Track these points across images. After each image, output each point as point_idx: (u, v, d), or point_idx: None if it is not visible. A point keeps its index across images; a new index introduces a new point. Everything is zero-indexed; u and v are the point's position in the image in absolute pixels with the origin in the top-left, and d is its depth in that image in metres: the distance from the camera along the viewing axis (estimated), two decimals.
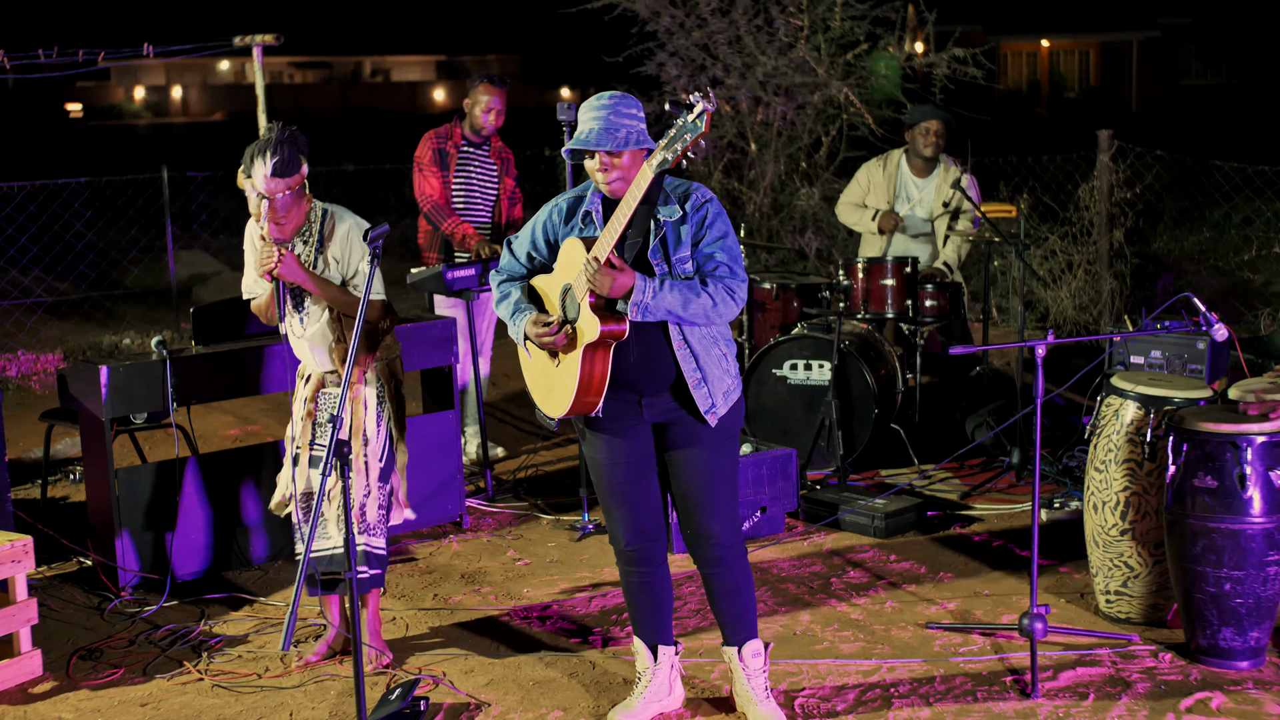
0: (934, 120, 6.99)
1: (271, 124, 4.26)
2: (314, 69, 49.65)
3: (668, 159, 3.54)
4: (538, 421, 7.48)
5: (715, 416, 3.82)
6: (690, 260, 3.75)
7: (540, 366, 3.89)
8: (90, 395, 5.03)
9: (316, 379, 4.43)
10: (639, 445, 3.87)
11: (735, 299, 3.72)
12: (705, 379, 3.79)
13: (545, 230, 3.91)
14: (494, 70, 7.29)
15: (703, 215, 3.76)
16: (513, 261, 3.99)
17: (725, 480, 3.89)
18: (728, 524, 3.89)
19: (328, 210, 4.37)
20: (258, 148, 4.16)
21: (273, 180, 4.15)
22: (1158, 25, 34.85)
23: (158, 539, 5.15)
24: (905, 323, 6.75)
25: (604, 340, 3.68)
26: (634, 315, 3.65)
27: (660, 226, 3.75)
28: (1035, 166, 10.05)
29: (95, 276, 11.42)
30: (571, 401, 3.74)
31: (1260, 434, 4.17)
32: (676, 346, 3.76)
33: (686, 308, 3.68)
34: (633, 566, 3.95)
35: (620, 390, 3.80)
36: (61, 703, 4.24)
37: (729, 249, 3.76)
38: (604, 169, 3.71)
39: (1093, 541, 4.70)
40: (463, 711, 4.10)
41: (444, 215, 6.39)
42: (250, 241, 4.39)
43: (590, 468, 3.97)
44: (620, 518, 3.91)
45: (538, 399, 3.93)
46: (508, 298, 3.92)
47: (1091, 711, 3.98)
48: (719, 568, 3.91)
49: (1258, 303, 8.99)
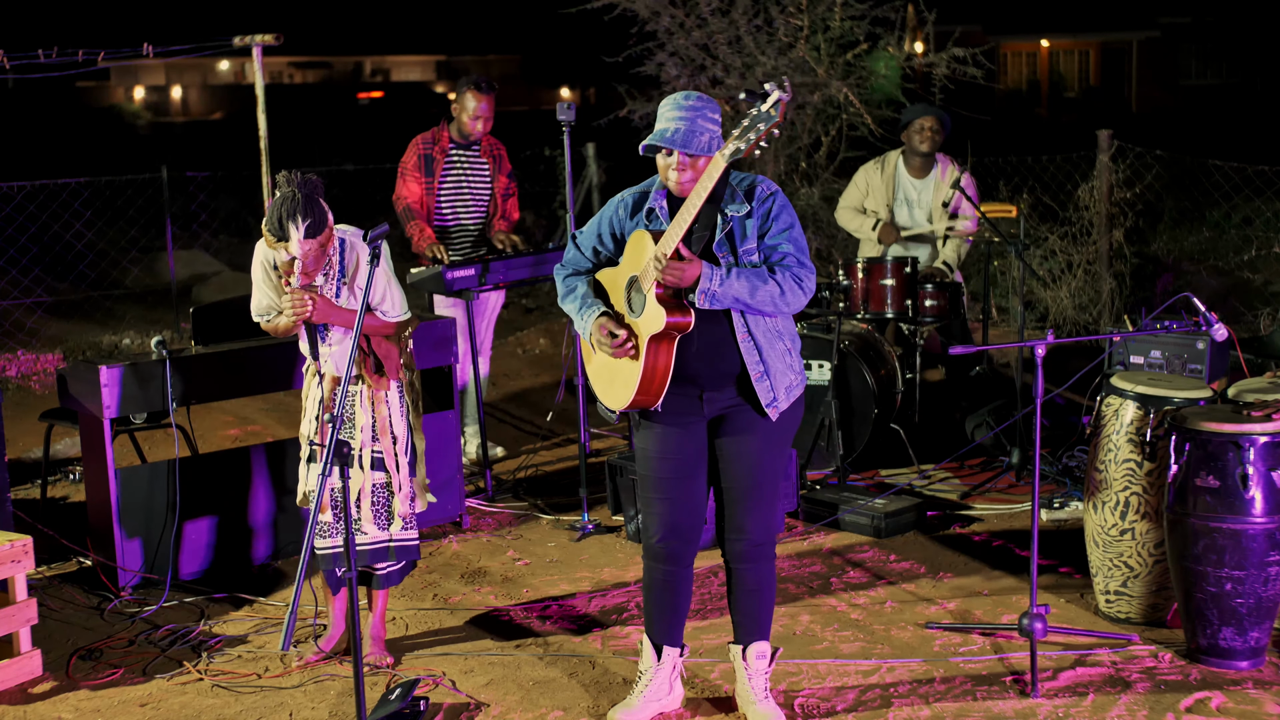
0: (928, 116, 6.99)
1: (283, 176, 4.19)
2: (314, 69, 49.68)
3: (741, 148, 3.55)
4: (539, 422, 7.49)
5: (776, 410, 3.81)
6: (757, 253, 3.76)
7: (603, 359, 3.88)
8: (90, 395, 5.03)
9: (331, 377, 4.42)
10: (692, 443, 3.86)
11: (803, 288, 3.73)
12: (768, 372, 3.79)
13: (612, 224, 3.92)
14: (494, 71, 7.29)
15: (768, 208, 3.77)
16: (578, 255, 3.99)
17: (770, 479, 3.89)
18: (762, 523, 3.89)
19: (344, 240, 4.36)
20: (285, 211, 4.10)
21: (307, 243, 4.15)
22: (1158, 25, 34.84)
23: (157, 539, 5.15)
24: (905, 323, 6.75)
25: (669, 332, 3.67)
26: (701, 303, 3.65)
27: (727, 221, 3.76)
28: (1035, 166, 10.05)
29: (95, 276, 11.43)
30: (634, 394, 3.74)
31: (1263, 434, 4.18)
32: (741, 339, 3.76)
33: (754, 295, 3.67)
34: (659, 563, 3.94)
35: (682, 384, 3.79)
36: (61, 703, 4.25)
37: (795, 240, 3.77)
38: (680, 169, 3.73)
39: (1092, 541, 4.70)
40: (462, 711, 4.10)
41: (410, 216, 6.38)
42: (261, 267, 4.38)
43: (638, 458, 3.96)
44: (659, 512, 3.89)
45: (599, 391, 3.93)
46: (574, 291, 3.92)
47: (1091, 711, 3.98)
48: (745, 563, 3.91)
49: (1257, 303, 9.00)
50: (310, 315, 4.24)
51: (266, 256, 4.34)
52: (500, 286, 6.39)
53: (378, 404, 4.40)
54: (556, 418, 7.48)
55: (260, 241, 4.36)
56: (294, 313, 4.23)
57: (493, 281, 6.20)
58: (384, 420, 4.40)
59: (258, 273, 4.39)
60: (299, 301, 4.21)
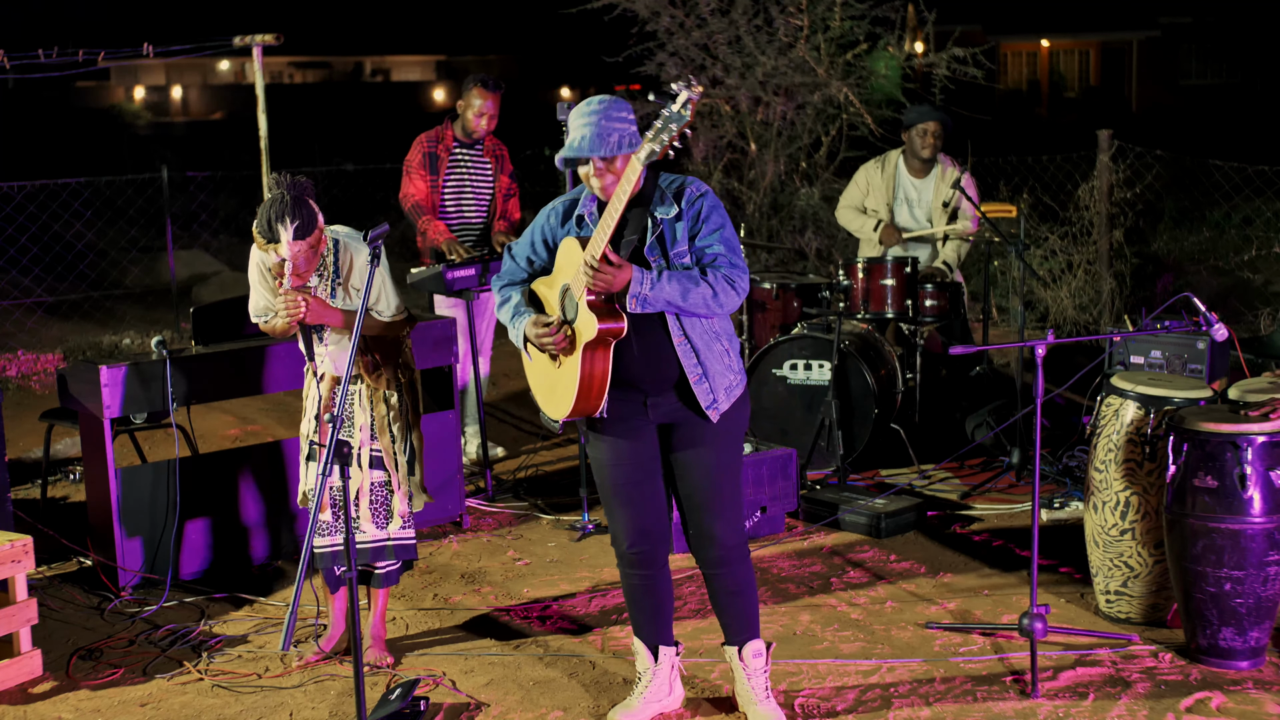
0: (931, 121, 6.99)
1: (274, 177, 4.24)
2: (314, 69, 49.62)
3: (655, 150, 3.54)
4: (540, 423, 7.49)
5: (717, 412, 3.81)
6: (689, 255, 3.75)
7: (542, 369, 3.89)
8: (90, 395, 5.03)
9: (330, 377, 4.43)
10: (644, 447, 3.86)
11: (736, 288, 3.71)
12: (706, 374, 3.78)
13: (543, 233, 3.92)
14: (494, 71, 7.30)
15: (698, 209, 3.75)
16: (513, 266, 3.99)
17: (729, 482, 3.88)
18: (731, 526, 3.88)
19: (338, 241, 4.37)
20: (274, 213, 4.13)
21: (296, 244, 4.16)
22: (1158, 25, 34.82)
23: (158, 539, 5.16)
24: (905, 323, 6.76)
25: (603, 338, 3.67)
26: (632, 307, 3.64)
27: (657, 224, 3.75)
28: (1035, 166, 10.06)
29: (95, 276, 11.44)
30: (574, 402, 3.73)
31: (1261, 434, 4.18)
32: (677, 342, 3.75)
33: (686, 297, 3.66)
34: (634, 569, 3.94)
35: (625, 390, 3.79)
36: (61, 702, 4.25)
37: (727, 240, 3.75)
38: (599, 174, 3.71)
39: (1093, 541, 4.71)
40: (463, 711, 4.10)
41: (420, 213, 6.40)
42: (257, 268, 4.38)
43: (594, 469, 3.96)
44: (623, 519, 3.90)
45: (540, 401, 3.93)
46: (508, 301, 3.92)
47: (1091, 711, 3.98)
48: (721, 568, 3.90)
49: (1258, 302, 9.00)
50: (304, 316, 4.25)
51: (261, 258, 4.35)
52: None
53: (376, 403, 4.41)
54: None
55: (254, 249, 4.37)
56: (287, 314, 4.24)
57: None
58: (382, 419, 4.41)
59: (253, 274, 4.40)
60: (292, 303, 4.22)
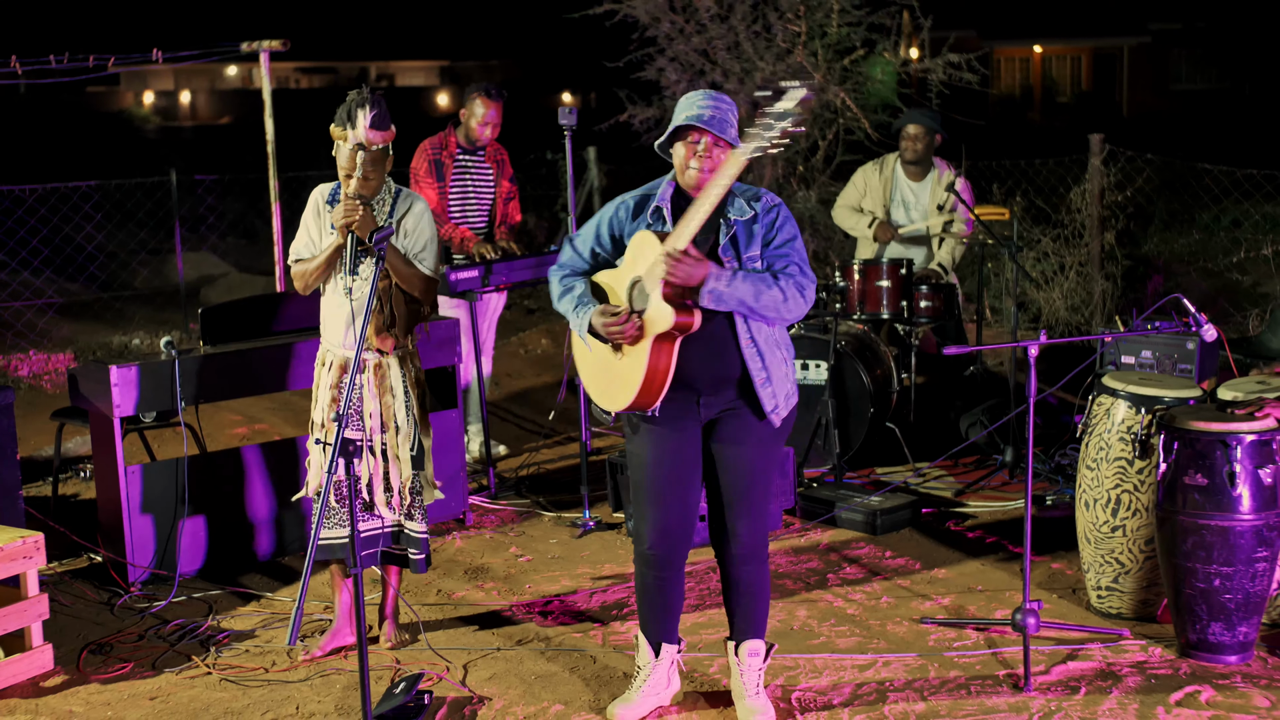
0: (911, 125, 7.03)
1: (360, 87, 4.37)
2: (320, 74, 49.57)
3: (764, 146, 3.51)
4: (541, 423, 7.56)
5: (779, 417, 3.83)
6: (760, 260, 3.77)
7: (601, 360, 3.85)
8: (100, 394, 5.09)
9: (339, 365, 4.47)
10: (688, 448, 3.85)
11: (805, 297, 3.73)
12: (770, 379, 3.80)
13: (611, 226, 3.90)
14: (496, 76, 7.37)
15: (773, 217, 3.79)
16: (574, 257, 3.95)
17: (762, 484, 3.90)
18: (754, 527, 3.90)
19: (402, 190, 4.48)
20: (356, 101, 4.28)
21: (372, 131, 4.27)
22: (1149, 31, 34.77)
23: (167, 535, 5.22)
24: (900, 323, 6.81)
25: (674, 331, 3.64)
26: (706, 302, 3.63)
27: (730, 225, 3.77)
28: (1028, 170, 10.11)
29: (105, 278, 11.49)
30: (635, 395, 3.70)
31: (1249, 433, 4.22)
32: (744, 345, 3.76)
33: (759, 299, 3.67)
34: (650, 569, 3.94)
35: (679, 389, 3.78)
36: (72, 696, 4.29)
37: (798, 250, 3.78)
38: (706, 154, 3.70)
39: (1084, 538, 4.76)
40: (465, 705, 4.14)
41: (439, 222, 6.46)
42: (314, 205, 4.46)
43: (631, 464, 3.93)
44: (650, 517, 3.89)
45: (595, 393, 3.89)
46: (570, 291, 3.88)
47: (1083, 705, 4.03)
48: (739, 566, 3.93)
49: (1246, 303, 9.04)
50: (356, 224, 4.27)
51: (321, 193, 4.45)
52: (503, 288, 6.48)
53: (383, 394, 4.46)
54: (558, 416, 7.51)
55: (318, 187, 4.48)
56: (344, 218, 4.27)
57: (495, 283, 6.27)
58: (390, 410, 4.47)
59: (309, 211, 4.46)
60: (350, 207, 4.27)
